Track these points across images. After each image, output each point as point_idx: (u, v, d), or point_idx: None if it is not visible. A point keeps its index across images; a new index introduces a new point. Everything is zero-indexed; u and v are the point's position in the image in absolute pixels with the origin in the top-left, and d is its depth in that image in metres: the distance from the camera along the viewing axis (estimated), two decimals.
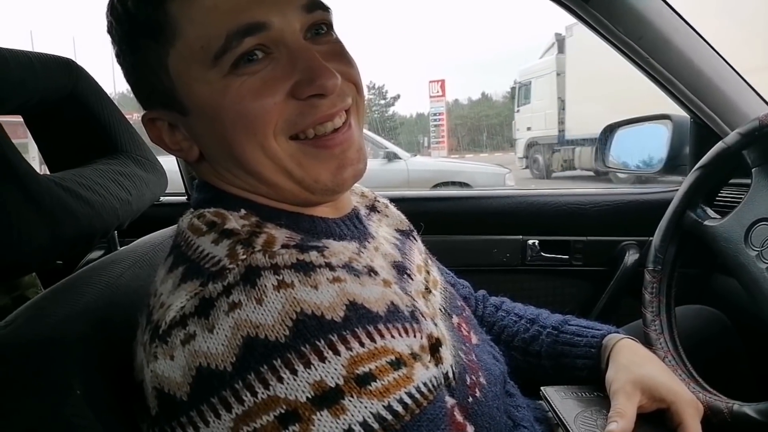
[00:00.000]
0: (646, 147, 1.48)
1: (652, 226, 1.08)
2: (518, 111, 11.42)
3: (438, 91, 11.67)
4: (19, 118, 0.81)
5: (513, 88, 11.74)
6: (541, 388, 0.79)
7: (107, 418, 0.50)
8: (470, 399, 0.60)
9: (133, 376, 0.53)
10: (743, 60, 1.35)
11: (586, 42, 7.96)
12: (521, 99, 11.31)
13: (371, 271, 0.55)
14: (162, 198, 1.62)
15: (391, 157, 6.64)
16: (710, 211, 1.01)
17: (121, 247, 0.84)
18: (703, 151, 1.04)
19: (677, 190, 1.05)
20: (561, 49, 10.12)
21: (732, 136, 0.97)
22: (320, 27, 0.59)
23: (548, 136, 10.31)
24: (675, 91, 1.21)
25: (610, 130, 1.56)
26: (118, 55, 0.60)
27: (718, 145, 0.99)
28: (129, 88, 0.63)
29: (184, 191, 1.73)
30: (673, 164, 1.39)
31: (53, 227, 0.55)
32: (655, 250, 1.04)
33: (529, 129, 10.85)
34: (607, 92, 7.53)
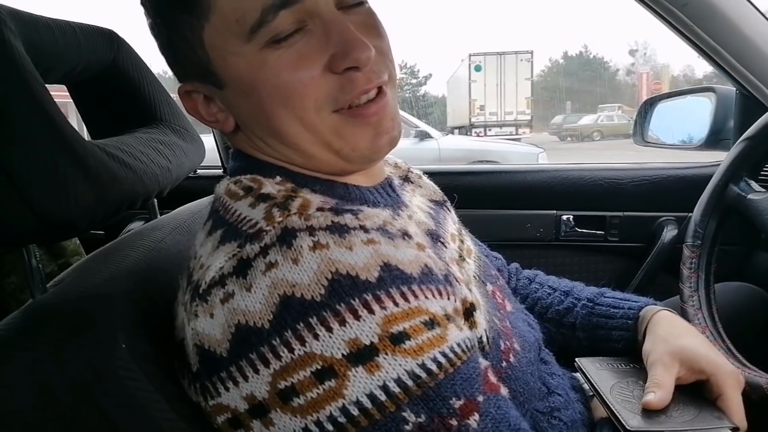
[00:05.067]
0: (687, 121, 1.43)
1: (691, 201, 1.05)
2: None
3: None
4: (69, 99, 0.84)
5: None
6: (576, 359, 0.78)
7: (151, 370, 0.52)
8: (504, 363, 0.60)
9: (174, 334, 0.54)
10: None
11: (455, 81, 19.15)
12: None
13: (405, 234, 0.55)
14: (199, 171, 1.65)
15: (423, 136, 6.60)
16: (754, 185, 0.98)
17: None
18: (749, 124, 1.00)
19: (718, 165, 1.02)
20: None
21: None
22: None
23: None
24: (720, 60, 1.16)
25: (650, 104, 1.50)
26: (152, 28, 0.60)
27: (766, 116, 0.96)
28: (164, 70, 0.63)
29: (220, 164, 1.76)
30: (716, 139, 1.33)
31: (98, 189, 0.57)
32: (695, 224, 1.01)
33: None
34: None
